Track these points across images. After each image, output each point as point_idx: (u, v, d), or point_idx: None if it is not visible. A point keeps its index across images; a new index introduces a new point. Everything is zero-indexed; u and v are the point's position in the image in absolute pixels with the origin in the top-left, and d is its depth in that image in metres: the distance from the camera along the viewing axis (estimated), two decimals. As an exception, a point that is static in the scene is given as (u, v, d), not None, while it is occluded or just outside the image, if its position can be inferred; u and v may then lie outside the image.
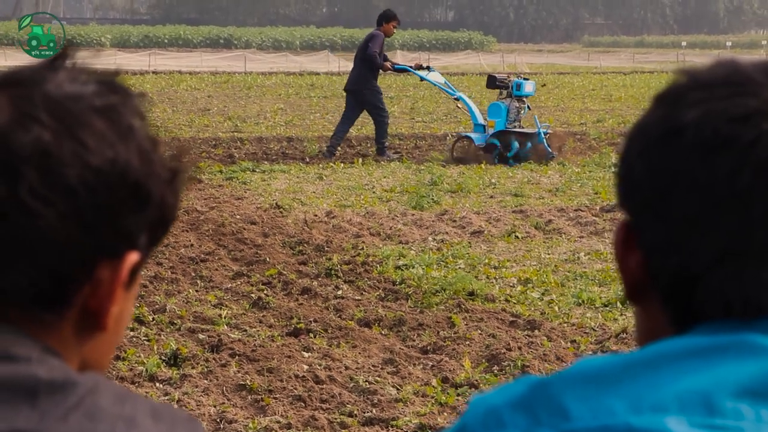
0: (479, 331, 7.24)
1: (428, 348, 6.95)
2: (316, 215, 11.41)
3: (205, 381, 6.23)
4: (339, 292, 8.26)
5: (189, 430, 1.07)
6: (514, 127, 15.84)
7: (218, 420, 5.68)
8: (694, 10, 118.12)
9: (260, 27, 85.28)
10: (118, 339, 1.15)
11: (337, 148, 16.39)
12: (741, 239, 1.01)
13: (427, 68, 16.95)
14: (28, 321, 1.06)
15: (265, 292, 8.25)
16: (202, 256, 9.29)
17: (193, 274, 8.76)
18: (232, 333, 7.14)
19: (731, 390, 0.97)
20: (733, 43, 77.72)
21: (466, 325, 7.41)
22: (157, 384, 6.24)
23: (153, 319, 7.44)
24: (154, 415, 1.05)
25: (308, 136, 18.72)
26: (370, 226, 10.88)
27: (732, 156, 1.02)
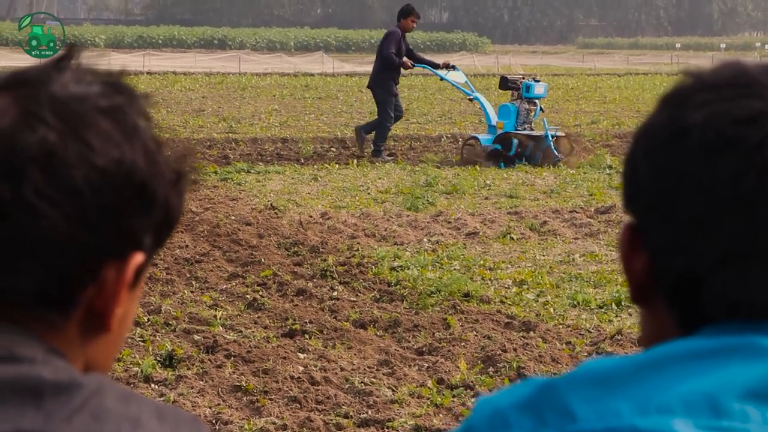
0: (474, 333, 7.24)
1: (423, 349, 6.95)
2: (311, 216, 11.40)
3: (201, 382, 6.23)
4: (334, 294, 8.26)
5: (193, 431, 1.07)
6: (524, 129, 15.79)
7: (214, 421, 5.68)
8: (688, 12, 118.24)
9: (254, 28, 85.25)
10: (122, 340, 1.14)
11: (365, 138, 16.67)
12: (746, 241, 1.01)
13: (452, 67, 16.94)
14: (33, 321, 1.05)
15: (260, 293, 8.25)
16: (197, 257, 9.29)
17: (188, 275, 8.76)
18: (228, 334, 7.14)
19: (738, 392, 0.97)
20: (727, 45, 77.81)
21: (462, 326, 7.41)
22: (153, 385, 6.23)
23: (148, 320, 7.44)
24: (159, 415, 1.05)
25: (303, 137, 18.72)
26: (365, 227, 10.87)
27: (737, 158, 1.02)
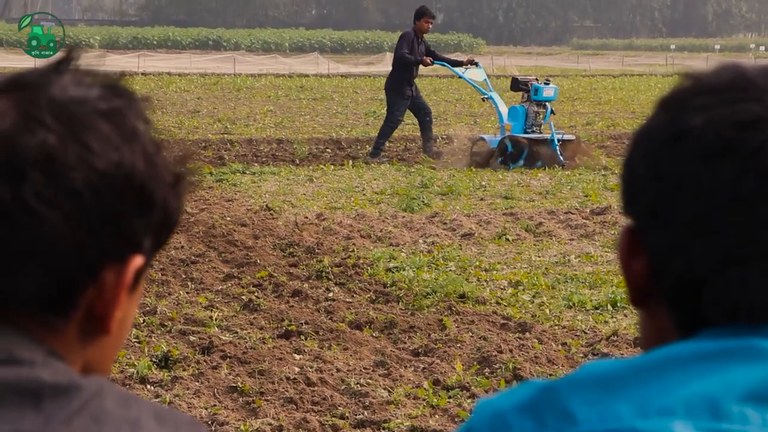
0: (470, 334, 7.23)
1: (419, 350, 6.94)
2: (306, 217, 11.40)
3: (196, 383, 6.22)
4: (330, 295, 8.26)
5: (192, 433, 1.07)
6: (532, 131, 15.77)
7: (210, 422, 5.67)
8: (683, 13, 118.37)
9: (249, 29, 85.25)
10: (121, 342, 1.14)
11: (433, 148, 16.62)
12: (745, 244, 1.01)
13: (475, 64, 16.92)
14: (33, 324, 1.05)
15: (255, 294, 8.24)
16: (193, 257, 9.28)
17: (184, 276, 8.75)
18: (223, 335, 7.13)
19: (738, 394, 0.97)
20: (722, 47, 77.94)
21: (457, 327, 7.41)
22: (148, 386, 6.22)
23: (144, 321, 7.43)
24: (158, 417, 1.05)
25: (298, 138, 18.72)
26: (361, 229, 10.87)
27: (737, 161, 1.02)
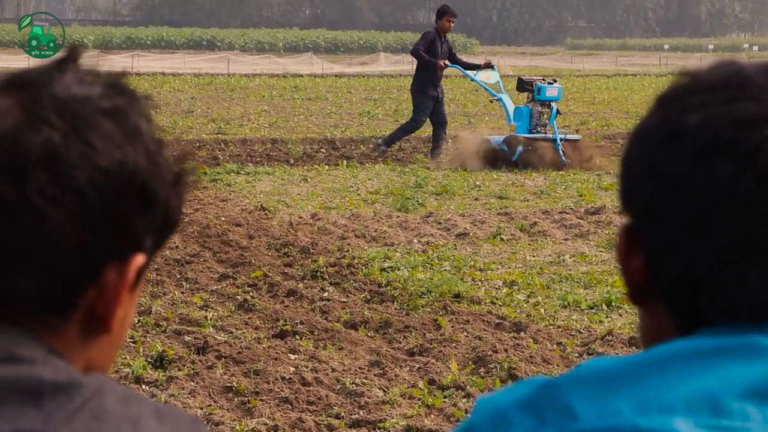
0: (465, 333, 7.24)
1: (415, 350, 6.95)
2: (301, 217, 11.40)
3: (192, 383, 6.22)
4: (325, 294, 8.26)
5: (192, 431, 1.08)
6: (536, 131, 15.77)
7: (205, 422, 5.67)
8: (677, 13, 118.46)
9: (243, 29, 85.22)
10: (122, 341, 1.15)
11: (441, 150, 16.51)
12: (742, 242, 1.01)
13: (491, 67, 16.93)
14: (34, 323, 1.05)
15: (250, 294, 8.24)
16: (187, 257, 9.28)
17: (179, 276, 8.75)
18: (218, 335, 7.13)
19: (738, 391, 0.98)
20: (715, 46, 78.02)
21: (452, 327, 7.41)
22: (143, 386, 6.22)
23: (138, 321, 7.42)
24: (159, 415, 1.05)
25: (292, 138, 18.71)
26: (356, 228, 10.87)
27: (734, 160, 1.01)
